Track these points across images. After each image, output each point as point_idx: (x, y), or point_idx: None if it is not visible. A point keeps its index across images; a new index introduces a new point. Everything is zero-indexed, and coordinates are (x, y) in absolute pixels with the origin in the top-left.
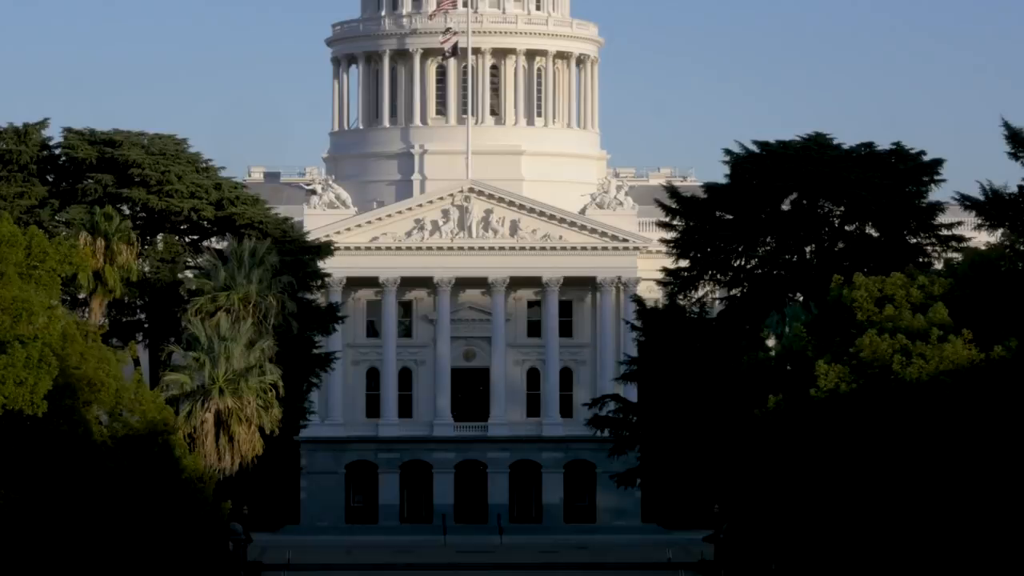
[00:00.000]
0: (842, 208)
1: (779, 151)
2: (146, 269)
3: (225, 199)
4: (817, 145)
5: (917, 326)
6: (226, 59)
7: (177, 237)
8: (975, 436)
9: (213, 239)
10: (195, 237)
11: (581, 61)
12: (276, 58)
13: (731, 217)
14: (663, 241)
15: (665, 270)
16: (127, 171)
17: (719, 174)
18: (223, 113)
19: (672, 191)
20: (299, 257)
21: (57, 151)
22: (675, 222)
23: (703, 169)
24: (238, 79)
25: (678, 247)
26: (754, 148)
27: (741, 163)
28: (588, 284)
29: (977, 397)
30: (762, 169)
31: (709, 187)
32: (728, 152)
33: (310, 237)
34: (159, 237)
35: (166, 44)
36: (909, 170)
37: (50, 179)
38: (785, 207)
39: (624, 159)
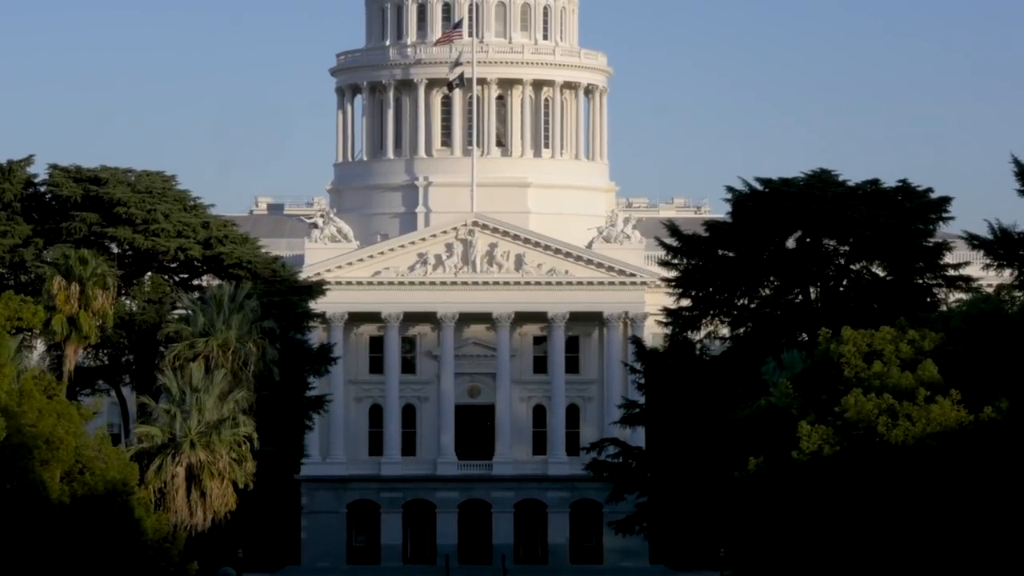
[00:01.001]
0: (847, 247)
1: (782, 188)
2: (132, 309)
3: (213, 238)
4: (821, 182)
5: (905, 384)
6: (234, 87)
7: (166, 276)
8: (961, 502)
9: (205, 278)
10: (185, 276)
11: (589, 91)
12: (287, 85)
13: (733, 255)
14: (664, 280)
15: (666, 310)
16: (112, 209)
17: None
18: (230, 143)
19: (673, 229)
20: (288, 298)
21: (42, 188)
22: (676, 260)
23: (718, 199)
24: (246, 107)
25: (680, 286)
26: (757, 184)
27: (743, 201)
28: (595, 319)
29: (964, 461)
30: (764, 207)
31: (711, 225)
32: (730, 189)
33: (311, 271)
34: (147, 276)
35: (171, 74)
36: (915, 208)
37: (36, 217)
38: (790, 244)
39: (637, 189)
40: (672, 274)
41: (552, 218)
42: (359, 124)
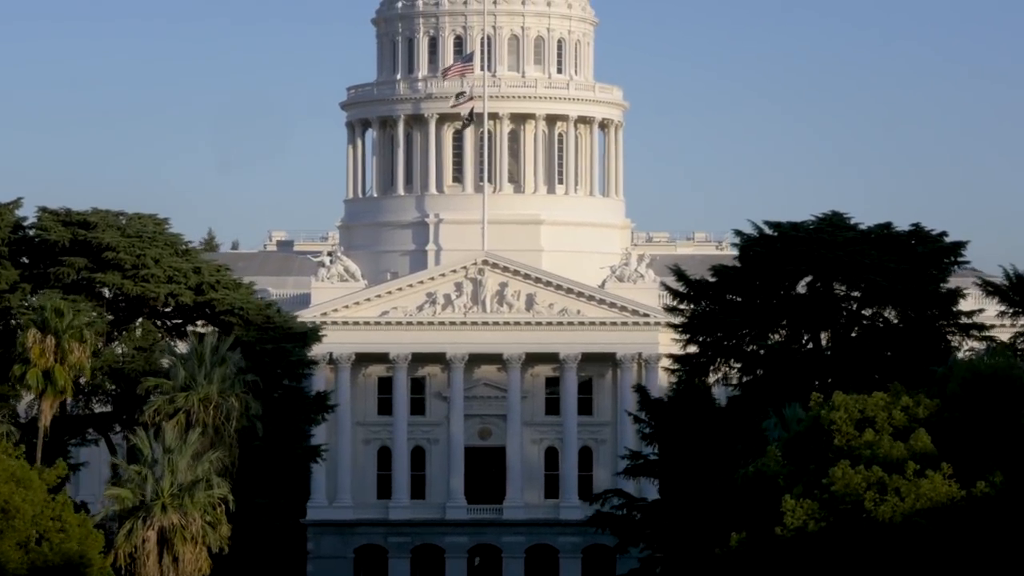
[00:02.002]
0: (858, 292)
1: (790, 233)
2: (122, 355)
3: (205, 283)
4: (832, 226)
5: (896, 455)
6: (248, 119)
7: (159, 322)
8: None
9: (199, 323)
10: (178, 321)
11: (604, 126)
12: (304, 117)
13: (742, 300)
14: (670, 325)
15: (673, 357)
16: (101, 254)
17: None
18: (247, 176)
19: (680, 274)
20: (282, 345)
21: (31, 232)
22: (683, 306)
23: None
24: (260, 139)
25: (687, 331)
26: (766, 228)
27: (750, 246)
28: (608, 360)
29: (954, 539)
30: (772, 252)
31: (718, 270)
32: (739, 233)
33: (318, 311)
34: (138, 322)
35: (183, 106)
36: (929, 253)
37: (25, 261)
38: (801, 289)
39: (657, 223)
40: (679, 320)
41: (565, 256)
42: (370, 159)
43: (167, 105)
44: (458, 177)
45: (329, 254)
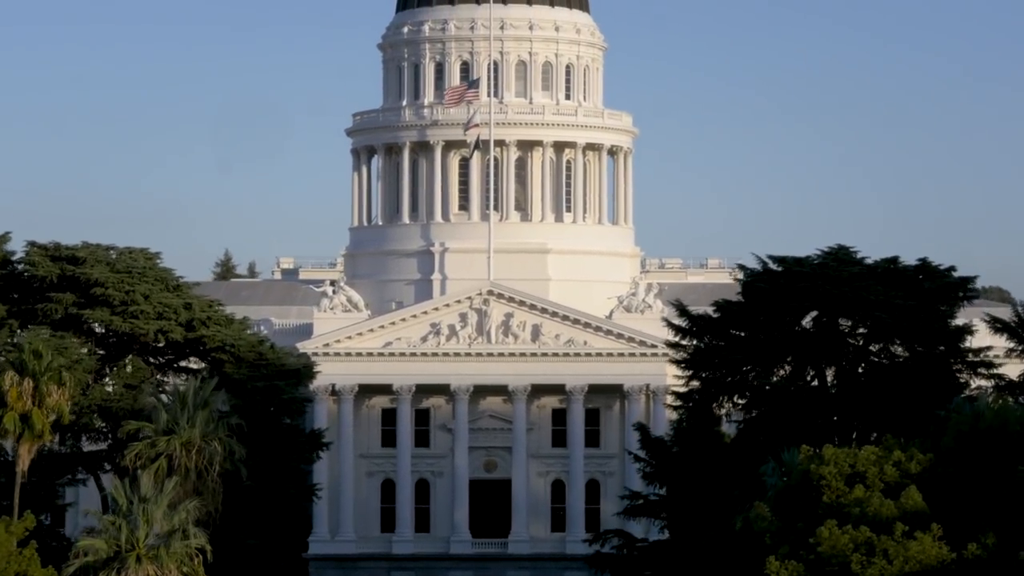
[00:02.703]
0: (863, 329)
1: (794, 268)
2: (110, 392)
3: (196, 320)
4: (837, 260)
5: (886, 514)
6: (258, 143)
7: (151, 358)
8: None
9: (191, 359)
10: (169, 356)
11: (614, 152)
12: (313, 143)
13: (745, 334)
14: (673, 361)
15: (675, 393)
16: (90, 290)
17: None
18: (257, 201)
19: (682, 309)
20: (275, 383)
21: (20, 267)
22: (686, 341)
23: (754, 260)
24: (269, 163)
25: (689, 367)
26: (770, 262)
27: (753, 282)
28: (616, 392)
29: None
30: (775, 288)
31: (721, 305)
32: (742, 268)
33: (320, 342)
34: (128, 359)
35: (193, 124)
36: (936, 289)
37: (15, 296)
38: (807, 323)
39: (671, 250)
40: (681, 355)
41: (573, 285)
42: (376, 186)
43: (174, 123)
44: (464, 205)
45: (332, 284)
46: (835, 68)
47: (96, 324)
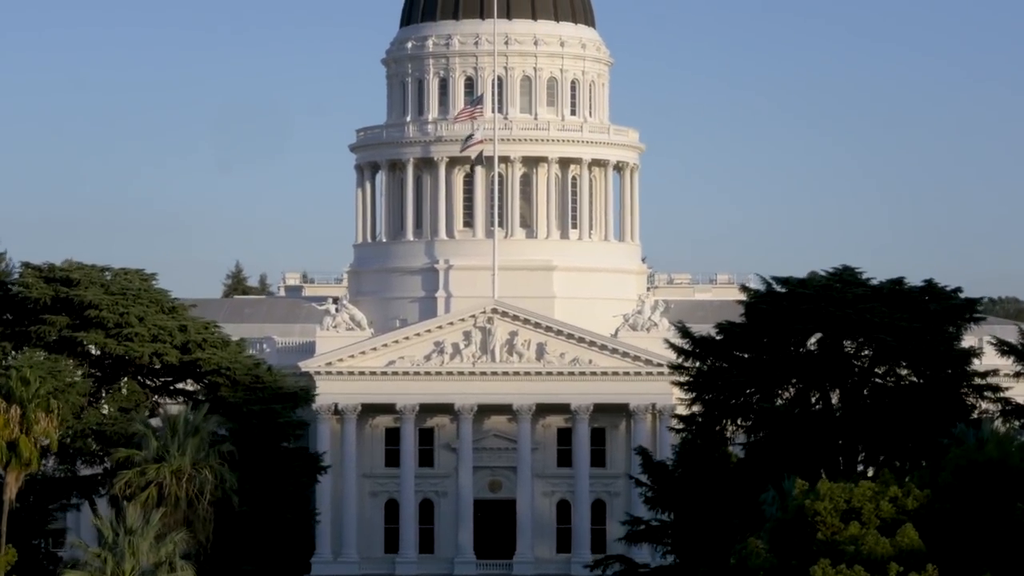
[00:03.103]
0: (868, 351)
1: (797, 290)
2: (104, 416)
3: (191, 342)
4: (841, 281)
5: (881, 552)
6: (266, 159)
7: (148, 379)
8: None
9: (189, 381)
10: (167, 379)
11: (620, 168)
12: (321, 156)
13: (749, 356)
14: (676, 383)
15: (678, 416)
16: (84, 312)
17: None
18: (265, 214)
19: (684, 331)
20: (271, 406)
21: (13, 289)
22: (688, 363)
23: (764, 274)
24: (278, 178)
25: (692, 390)
26: (774, 284)
27: (756, 304)
28: (621, 411)
29: None
30: (779, 310)
31: (724, 327)
32: (744, 289)
33: (323, 360)
34: (123, 381)
35: (199, 139)
36: (942, 311)
37: (9, 318)
38: (811, 345)
39: (681, 265)
40: (684, 378)
41: (579, 303)
42: (380, 202)
43: (179, 131)
44: (469, 221)
45: (335, 302)
46: (843, 82)
47: (92, 346)
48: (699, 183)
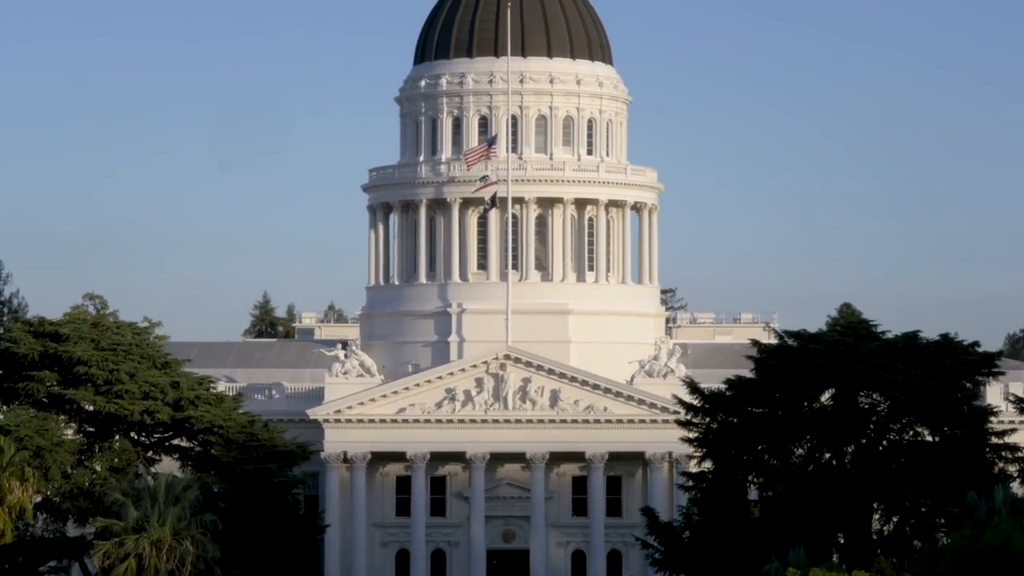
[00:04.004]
0: (883, 408)
1: (809, 345)
2: (94, 475)
3: (184, 399)
4: (855, 335)
5: None
6: (281, 200)
7: (141, 435)
8: None
9: (182, 438)
10: (160, 435)
11: (638, 209)
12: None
13: (760, 412)
14: (685, 440)
15: (687, 475)
16: (73, 369)
17: (805, 321)
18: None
19: (693, 386)
20: (266, 466)
21: (2, 344)
22: (698, 420)
23: (789, 313)
24: (293, 219)
25: (702, 446)
26: (787, 338)
27: (767, 359)
28: (638, 459)
29: None
30: (789, 366)
31: (733, 383)
32: (755, 343)
33: (332, 408)
34: (116, 439)
35: (213, 181)
36: (958, 367)
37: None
38: (825, 399)
39: (705, 304)
40: (694, 434)
41: (595, 347)
42: (393, 243)
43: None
44: (483, 264)
45: (344, 347)
46: (867, 118)
47: (84, 402)
48: (723, 218)
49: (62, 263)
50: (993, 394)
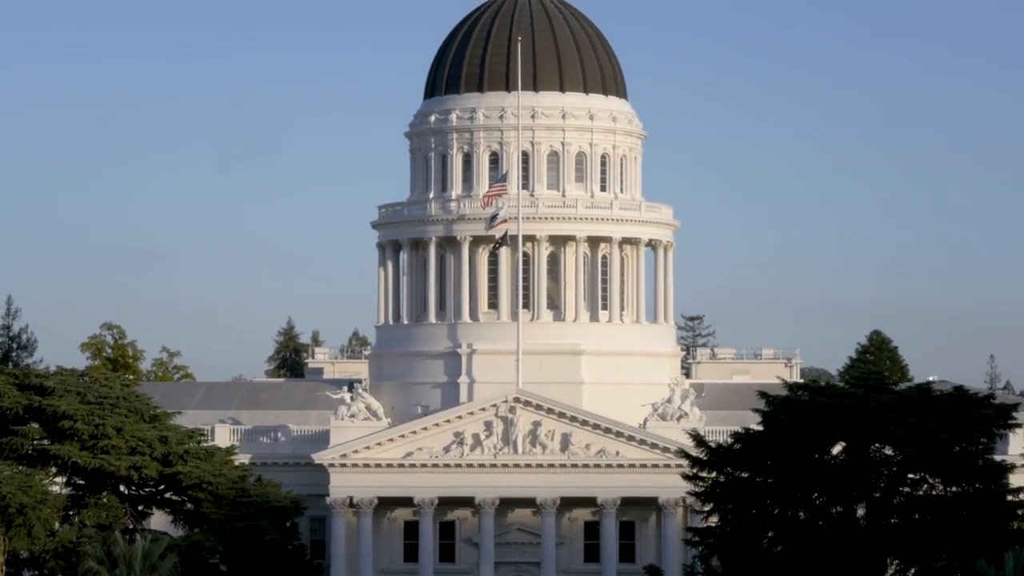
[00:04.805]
0: (896, 461)
1: (819, 398)
2: (79, 533)
3: (172, 454)
4: (866, 387)
5: None
6: (294, 235)
7: (132, 488)
8: None
9: (170, 494)
10: (149, 490)
11: (653, 246)
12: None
13: (768, 464)
14: (691, 494)
15: (692, 530)
16: (58, 423)
17: (828, 358)
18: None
19: (699, 439)
20: (256, 523)
21: None
22: (704, 473)
23: (811, 349)
24: (323, 250)
25: (708, 501)
26: (795, 391)
27: (775, 413)
28: (651, 504)
29: None
30: (798, 419)
31: (740, 436)
32: (763, 395)
33: (337, 452)
34: (104, 495)
35: (228, 211)
36: (971, 420)
37: None
38: (836, 451)
39: (729, 338)
40: (700, 488)
41: (608, 388)
42: (403, 281)
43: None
44: (494, 303)
45: (351, 389)
46: (888, 152)
47: (70, 458)
48: (743, 250)
49: (77, 291)
50: (1018, 443)
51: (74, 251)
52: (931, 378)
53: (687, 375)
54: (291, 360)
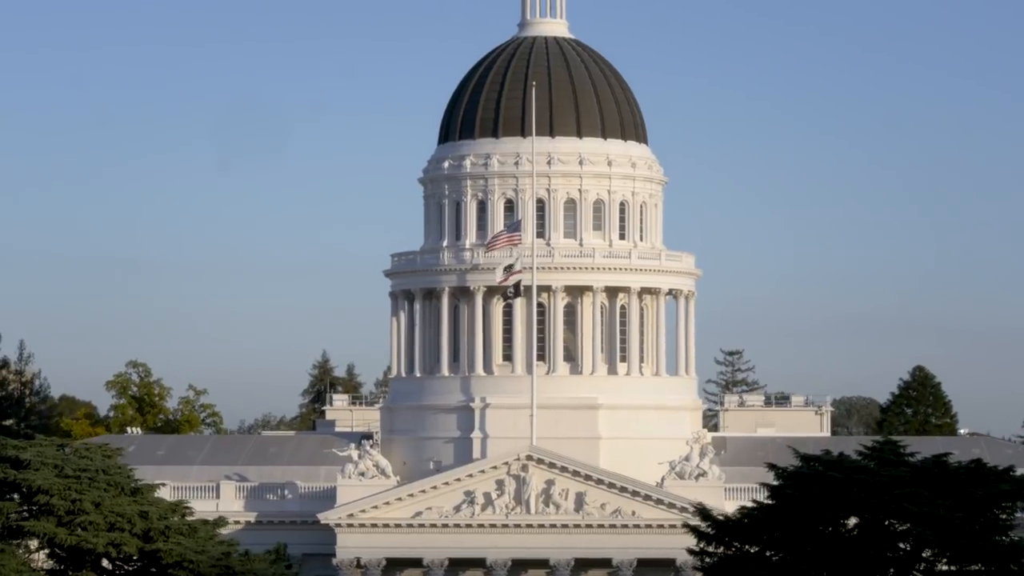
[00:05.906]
0: (909, 541)
1: (829, 472)
2: None
3: (153, 530)
4: (879, 459)
5: None
6: (307, 280)
7: (116, 564)
8: None
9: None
10: (129, 568)
11: (673, 295)
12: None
13: (776, 539)
14: (697, 568)
15: None
16: (33, 498)
17: (876, 388)
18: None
19: (704, 513)
20: None
21: None
22: (711, 548)
23: (840, 395)
24: (315, 302)
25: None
26: (805, 463)
27: (783, 488)
28: (669, 566)
29: None
30: (806, 494)
31: (748, 512)
32: (771, 467)
33: (344, 512)
34: (84, 571)
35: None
36: (990, 496)
37: None
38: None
39: (765, 373)
40: (708, 563)
41: (626, 444)
42: (416, 332)
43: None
44: (508, 355)
45: (359, 446)
46: (910, 190)
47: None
48: (773, 294)
49: (102, 330)
50: None
51: (98, 288)
52: (962, 431)
53: (715, 426)
54: (326, 394)
